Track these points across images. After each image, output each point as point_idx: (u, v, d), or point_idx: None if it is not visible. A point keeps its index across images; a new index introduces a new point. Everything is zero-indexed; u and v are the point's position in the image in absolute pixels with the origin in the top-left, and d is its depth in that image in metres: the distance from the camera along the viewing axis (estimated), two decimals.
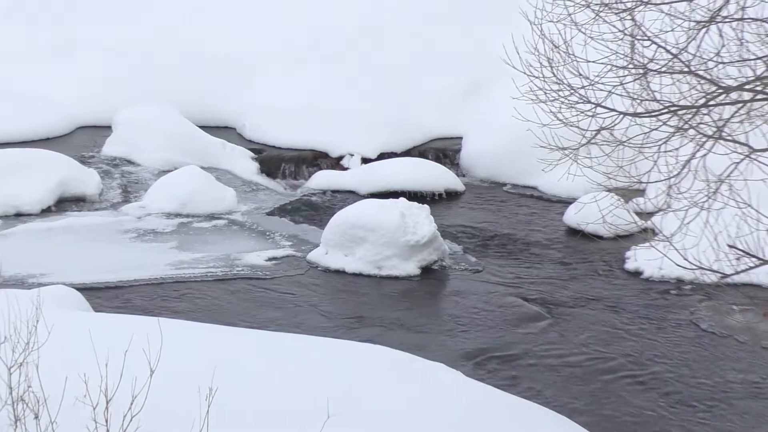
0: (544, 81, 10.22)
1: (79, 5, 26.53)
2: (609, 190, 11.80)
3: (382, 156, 21.82)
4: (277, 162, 21.88)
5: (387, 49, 24.83)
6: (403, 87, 23.92)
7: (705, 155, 9.56)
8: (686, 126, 9.51)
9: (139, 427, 7.09)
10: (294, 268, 16.63)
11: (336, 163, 21.92)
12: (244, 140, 22.89)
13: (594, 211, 11.80)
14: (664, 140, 9.73)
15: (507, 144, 20.87)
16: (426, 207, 16.99)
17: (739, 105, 9.36)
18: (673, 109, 9.53)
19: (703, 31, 9.52)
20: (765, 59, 9.34)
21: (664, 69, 9.62)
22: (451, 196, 20.57)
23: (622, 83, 9.89)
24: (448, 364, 11.89)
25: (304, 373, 10.25)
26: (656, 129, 9.77)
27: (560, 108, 10.25)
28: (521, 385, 12.98)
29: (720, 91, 9.28)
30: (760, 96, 9.23)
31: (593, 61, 10.07)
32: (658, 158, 9.83)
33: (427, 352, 13.06)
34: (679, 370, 13.58)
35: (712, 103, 9.36)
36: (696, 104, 9.40)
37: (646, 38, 9.75)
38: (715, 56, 9.51)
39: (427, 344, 14.00)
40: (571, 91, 10.06)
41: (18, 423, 7.28)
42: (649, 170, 9.94)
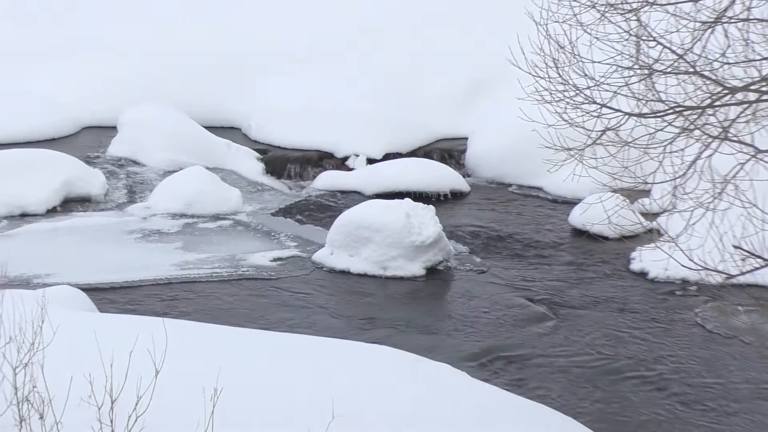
0: (550, 81, 10.21)
1: (79, 5, 26.52)
2: (614, 191, 11.77)
3: (388, 156, 21.78)
4: (283, 162, 21.87)
5: (390, 50, 24.80)
6: (406, 87, 23.89)
7: (710, 156, 9.55)
8: (692, 127, 9.50)
9: (144, 428, 7.09)
10: (299, 269, 16.63)
11: (341, 164, 21.90)
12: (250, 141, 22.87)
13: (599, 212, 11.78)
14: (670, 141, 9.72)
15: (512, 144, 20.84)
16: (431, 207, 16.98)
17: (745, 105, 9.35)
18: (678, 109, 9.52)
19: (709, 31, 9.51)
20: None
21: (669, 69, 9.61)
22: (457, 196, 20.54)
23: (627, 84, 9.88)
24: (454, 365, 11.89)
25: (309, 374, 10.25)
26: (662, 130, 9.75)
27: (565, 108, 10.23)
28: (526, 386, 12.97)
29: (725, 92, 9.27)
30: (765, 96, 9.22)
31: (599, 62, 10.06)
32: (663, 159, 9.82)
33: (433, 353, 13.06)
34: (684, 371, 13.56)
35: (718, 103, 9.35)
36: (701, 105, 9.39)
37: (651, 39, 9.74)
38: (721, 57, 9.50)
39: (432, 345, 13.99)
40: (577, 92, 10.05)
41: (23, 423, 7.28)
42: (655, 171, 9.93)
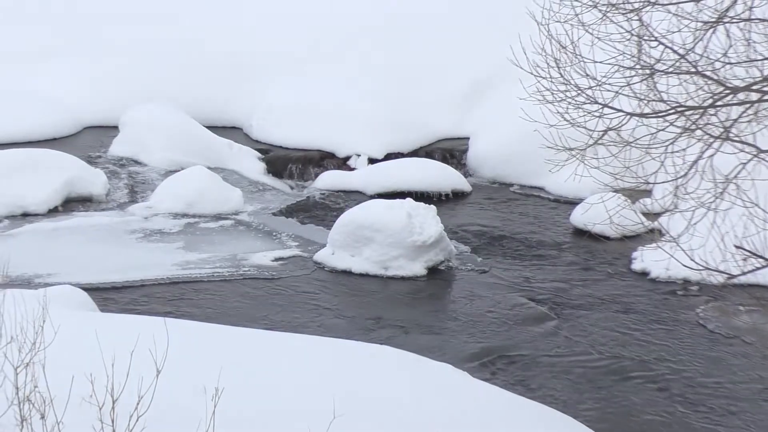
0: (551, 81, 10.21)
1: (79, 5, 26.50)
2: (616, 191, 11.77)
3: (389, 156, 21.77)
4: (284, 162, 21.86)
5: (390, 49, 24.77)
6: (408, 87, 23.86)
7: (712, 156, 9.55)
8: (693, 127, 9.49)
9: (146, 428, 7.08)
10: (300, 269, 16.63)
11: (343, 164, 21.89)
12: (251, 140, 22.86)
13: (601, 212, 11.77)
14: (671, 141, 9.72)
15: (514, 144, 20.83)
16: (433, 207, 16.97)
17: (747, 105, 9.35)
18: (680, 109, 9.52)
19: (711, 31, 9.50)
20: None
21: (671, 69, 9.61)
22: (458, 196, 20.54)
23: (629, 84, 9.88)
24: (455, 365, 11.90)
25: (310, 373, 10.25)
26: (663, 129, 9.76)
27: (567, 108, 10.23)
28: (528, 386, 12.97)
29: (727, 92, 9.27)
30: (767, 96, 9.22)
31: (600, 62, 10.06)
32: (665, 159, 9.82)
33: (434, 353, 13.07)
34: (685, 371, 13.56)
35: (720, 103, 9.34)
36: (703, 105, 9.39)
37: (653, 39, 9.74)
38: (723, 57, 9.50)
39: (433, 345, 14.00)
40: (578, 92, 10.05)
41: (24, 423, 7.27)
42: (656, 171, 9.93)
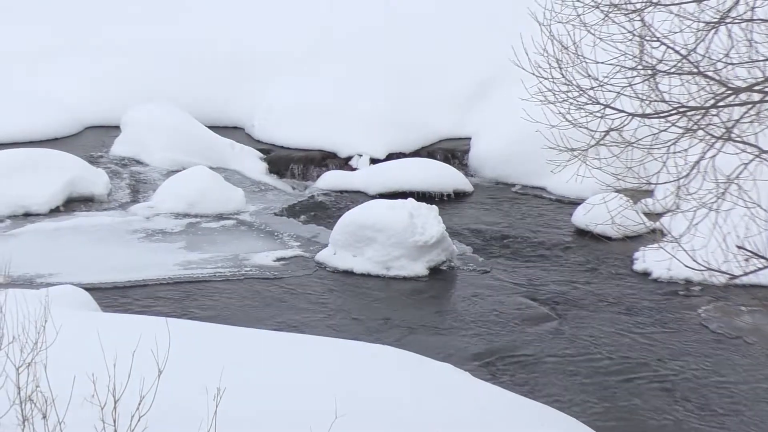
0: (553, 82, 10.21)
1: (79, 5, 26.51)
2: (618, 191, 11.78)
3: (391, 156, 21.79)
4: (286, 162, 21.88)
5: (392, 49, 24.78)
6: (409, 87, 23.88)
7: (714, 156, 9.55)
8: (695, 127, 9.49)
9: (147, 428, 7.09)
10: (302, 269, 16.63)
11: (344, 164, 21.90)
12: (253, 140, 22.88)
13: (603, 212, 11.77)
14: (673, 141, 9.71)
15: (516, 145, 20.84)
16: (434, 207, 16.98)
17: (749, 106, 9.35)
18: (682, 110, 9.52)
19: (712, 32, 9.50)
20: None
21: (673, 70, 9.61)
22: (460, 196, 20.54)
23: (631, 84, 9.88)
24: (456, 365, 11.90)
25: (311, 374, 10.25)
26: (665, 130, 9.75)
27: (569, 109, 10.24)
28: (529, 386, 12.97)
29: (729, 92, 9.26)
30: None
31: (602, 62, 10.06)
32: (667, 159, 9.82)
33: (435, 353, 13.06)
34: (687, 371, 13.56)
35: (721, 104, 9.34)
36: (705, 105, 9.38)
37: (655, 39, 9.74)
38: (724, 57, 9.50)
39: (435, 345, 13.99)
40: (580, 92, 10.04)
41: (26, 423, 7.28)
42: (658, 171, 9.92)
